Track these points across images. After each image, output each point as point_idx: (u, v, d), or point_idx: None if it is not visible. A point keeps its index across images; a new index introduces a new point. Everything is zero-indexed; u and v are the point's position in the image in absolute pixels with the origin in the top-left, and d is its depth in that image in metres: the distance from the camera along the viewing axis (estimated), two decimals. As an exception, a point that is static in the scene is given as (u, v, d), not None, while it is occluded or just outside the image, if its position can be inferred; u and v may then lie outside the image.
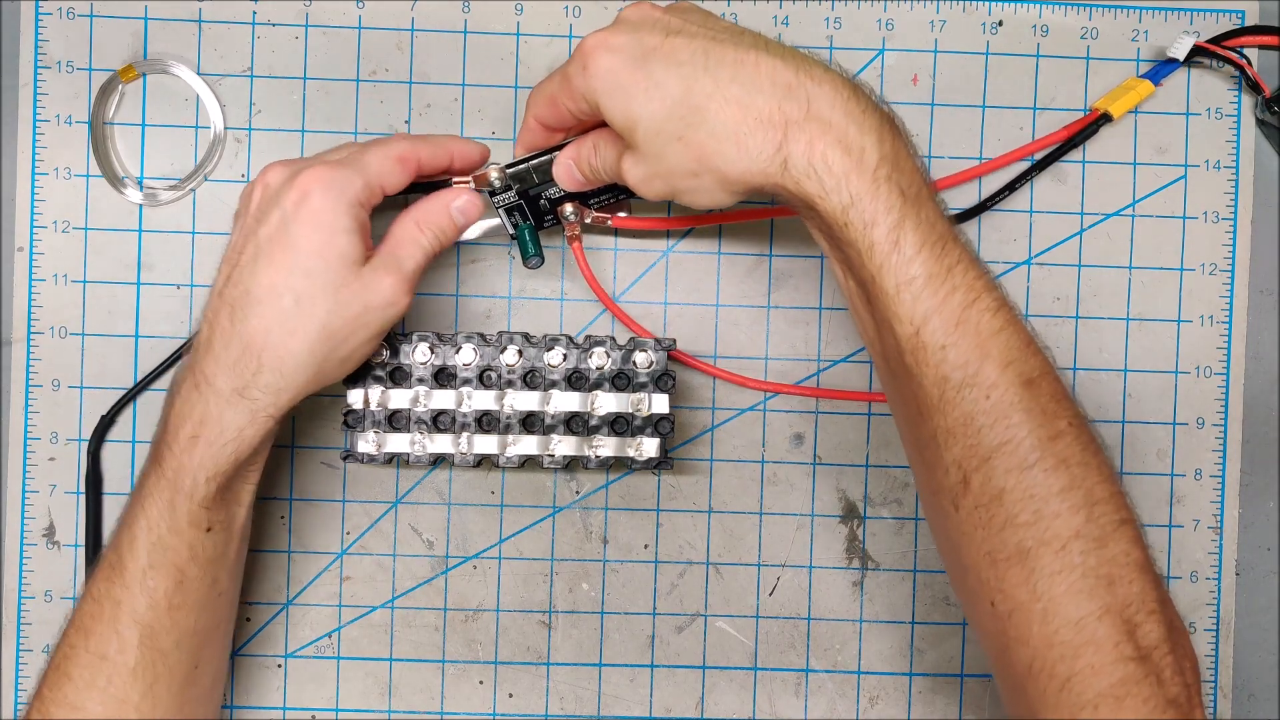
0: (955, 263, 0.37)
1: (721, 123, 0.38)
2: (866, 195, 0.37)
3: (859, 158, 0.37)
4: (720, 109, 0.38)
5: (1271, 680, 0.53)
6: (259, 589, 0.51)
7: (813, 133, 0.37)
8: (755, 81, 0.38)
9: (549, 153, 0.45)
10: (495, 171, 0.46)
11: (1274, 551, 0.53)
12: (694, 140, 0.38)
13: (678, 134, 0.38)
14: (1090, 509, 0.37)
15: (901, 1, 0.52)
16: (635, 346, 0.47)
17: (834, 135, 0.37)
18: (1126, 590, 0.36)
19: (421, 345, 0.47)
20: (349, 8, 0.51)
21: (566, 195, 0.47)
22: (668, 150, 0.39)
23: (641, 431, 0.47)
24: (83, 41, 0.50)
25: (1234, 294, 0.52)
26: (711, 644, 0.52)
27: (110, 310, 0.51)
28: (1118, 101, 0.50)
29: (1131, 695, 0.36)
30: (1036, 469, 0.37)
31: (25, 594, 0.51)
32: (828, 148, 0.37)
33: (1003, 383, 0.37)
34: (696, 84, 0.38)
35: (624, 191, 0.47)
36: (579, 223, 0.48)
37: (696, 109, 0.38)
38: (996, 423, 0.37)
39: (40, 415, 0.50)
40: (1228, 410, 0.52)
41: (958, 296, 0.37)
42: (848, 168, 0.37)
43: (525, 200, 0.47)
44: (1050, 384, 0.38)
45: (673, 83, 0.38)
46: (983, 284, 0.38)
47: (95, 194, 0.50)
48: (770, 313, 0.52)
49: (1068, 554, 0.36)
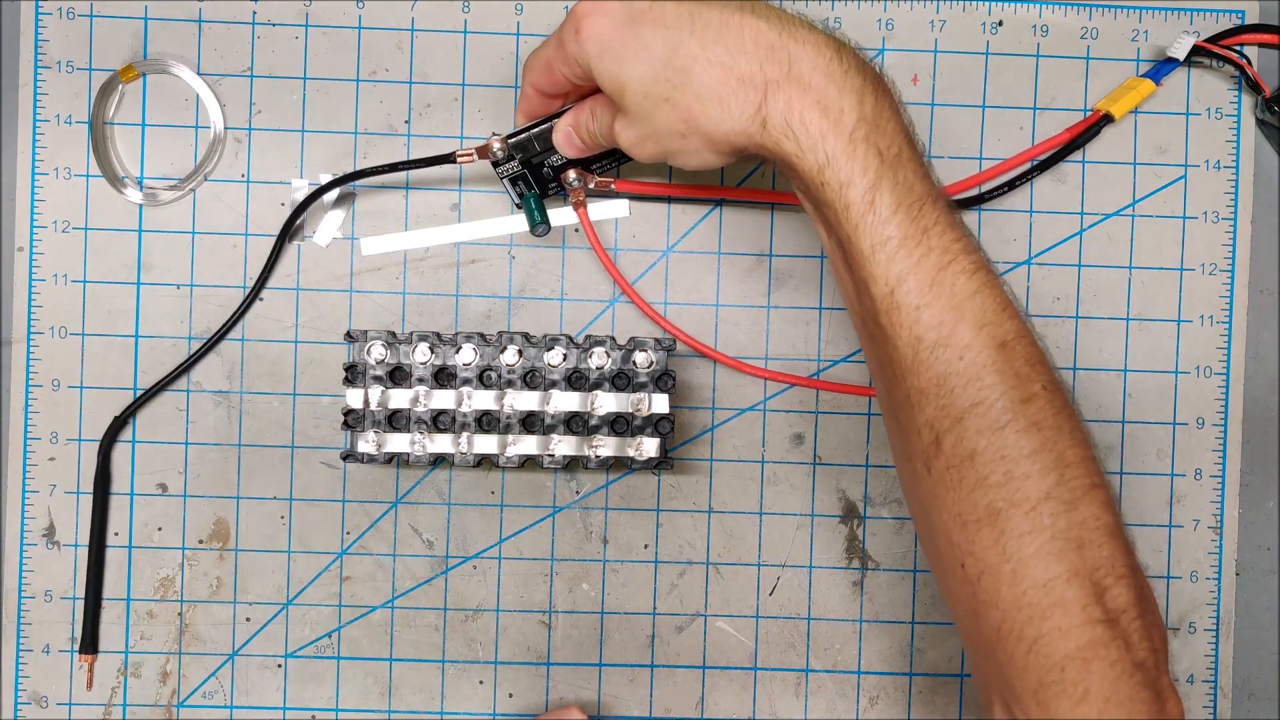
0: (932, 224, 0.38)
1: (705, 85, 0.38)
2: (843, 156, 0.37)
3: (836, 118, 0.38)
4: (704, 70, 0.38)
5: (1271, 680, 0.53)
6: (259, 589, 0.51)
7: (791, 93, 0.38)
8: (739, 43, 0.38)
9: (548, 120, 0.46)
10: (498, 143, 0.46)
11: (1274, 551, 0.53)
12: (680, 102, 0.39)
13: (664, 95, 0.39)
14: (1061, 471, 0.37)
15: (901, 1, 0.52)
16: (635, 346, 0.47)
17: (813, 96, 0.38)
18: (1096, 554, 0.37)
19: (421, 345, 0.47)
20: (349, 8, 0.51)
21: (569, 162, 0.48)
22: (656, 112, 0.40)
23: (641, 431, 0.47)
24: (83, 41, 0.50)
25: (1234, 294, 0.52)
26: (711, 644, 0.52)
27: (110, 310, 0.51)
28: (1119, 102, 0.50)
29: (1099, 658, 0.36)
30: (1008, 430, 0.37)
31: (25, 594, 0.51)
32: (805, 108, 0.38)
33: (976, 344, 0.37)
34: (682, 46, 0.39)
35: (625, 156, 0.48)
36: (583, 188, 0.49)
37: (682, 70, 0.39)
38: (969, 384, 0.37)
39: (40, 415, 0.50)
40: (1228, 410, 0.52)
41: (933, 258, 0.37)
42: (824, 128, 0.37)
43: (529, 169, 0.48)
44: (1025, 347, 0.38)
45: (659, 45, 0.39)
46: (960, 246, 0.38)
47: (95, 194, 0.50)
48: (770, 313, 0.52)
49: (1037, 515, 0.37)
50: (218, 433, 0.51)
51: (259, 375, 0.51)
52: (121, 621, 0.51)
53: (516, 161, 0.48)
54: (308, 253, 0.51)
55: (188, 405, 0.51)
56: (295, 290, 0.51)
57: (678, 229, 0.51)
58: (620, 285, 0.51)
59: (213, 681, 0.51)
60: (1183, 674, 0.52)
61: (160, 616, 0.51)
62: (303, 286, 0.51)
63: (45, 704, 0.50)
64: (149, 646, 0.51)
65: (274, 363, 0.51)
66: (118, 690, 0.51)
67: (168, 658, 0.51)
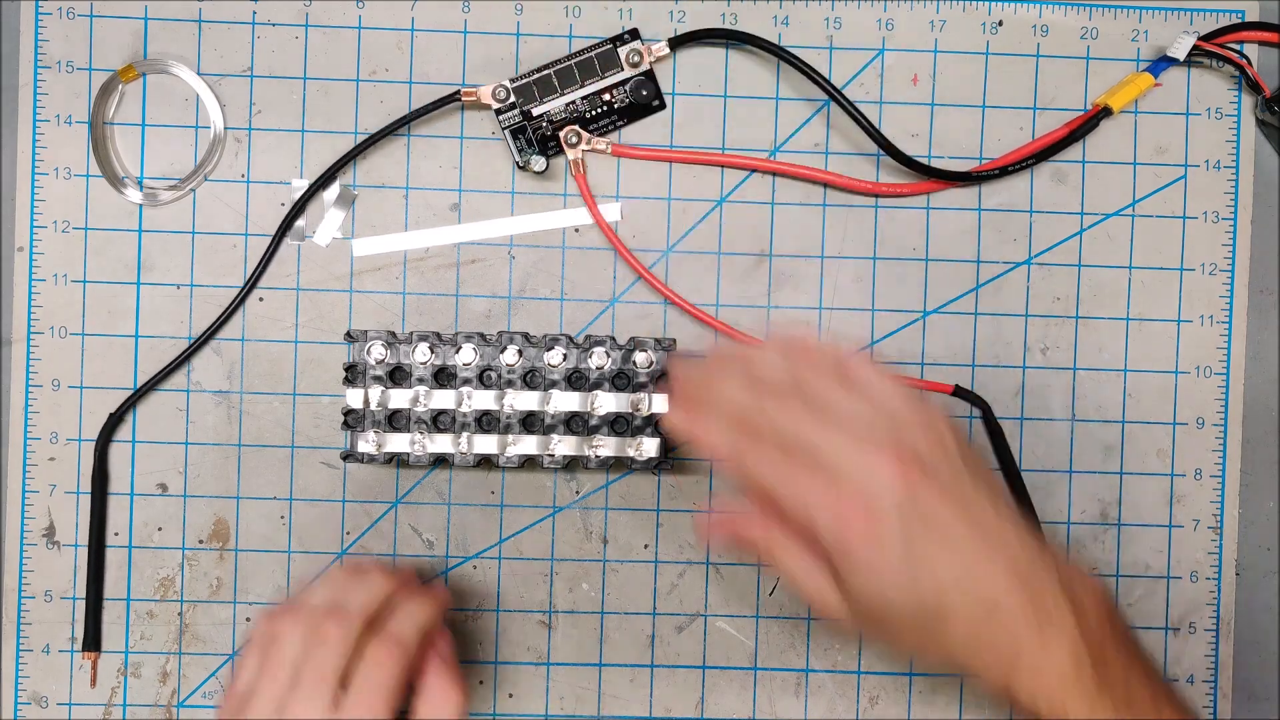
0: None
1: (967, 634, 0.35)
2: (1072, 704, 0.35)
3: (1076, 680, 0.35)
4: (969, 613, 0.35)
5: (1271, 680, 0.53)
6: (259, 589, 0.51)
7: (1046, 673, 0.35)
8: (1011, 583, 0.35)
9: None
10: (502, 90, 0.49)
11: (1274, 551, 0.53)
12: (933, 635, 0.36)
13: (919, 625, 0.36)
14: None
15: (901, 1, 0.52)
16: (635, 346, 0.47)
17: (1069, 687, 0.35)
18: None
19: (421, 345, 0.47)
20: (349, 8, 0.51)
21: (567, 119, 0.49)
22: (902, 632, 0.36)
23: (641, 431, 0.47)
24: (83, 41, 0.50)
25: (1234, 294, 0.52)
26: (711, 644, 0.52)
27: (110, 310, 0.51)
28: (1116, 95, 0.51)
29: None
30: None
31: (25, 594, 0.51)
32: (1056, 689, 0.35)
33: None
34: (958, 585, 0.35)
35: (625, 116, 0.50)
36: (580, 145, 0.50)
37: (947, 612, 0.35)
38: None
39: (40, 415, 0.50)
40: (1228, 410, 0.52)
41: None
42: (1064, 697, 0.35)
43: (527, 120, 0.49)
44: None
45: (939, 572, 0.35)
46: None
47: (95, 194, 0.50)
48: (770, 313, 0.52)
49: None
50: (218, 433, 0.51)
51: (259, 375, 0.51)
52: (121, 621, 0.51)
53: (518, 111, 0.49)
54: (307, 253, 0.51)
55: (188, 405, 0.51)
56: (295, 290, 0.51)
57: (678, 229, 0.51)
58: (624, 257, 0.51)
59: (213, 681, 0.51)
60: (1183, 674, 0.52)
61: (160, 616, 0.51)
62: (303, 286, 0.51)
63: (45, 704, 0.51)
64: (149, 646, 0.51)
65: (274, 363, 0.51)
66: (118, 690, 0.51)
67: (168, 658, 0.51)
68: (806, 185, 0.52)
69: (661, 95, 0.51)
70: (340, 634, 0.40)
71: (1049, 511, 0.52)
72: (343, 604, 0.42)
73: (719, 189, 0.52)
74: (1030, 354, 0.52)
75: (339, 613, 0.41)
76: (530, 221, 0.51)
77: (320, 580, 0.44)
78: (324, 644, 0.40)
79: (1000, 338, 0.52)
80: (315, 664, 0.40)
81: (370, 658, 0.40)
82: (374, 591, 0.43)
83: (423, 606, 0.43)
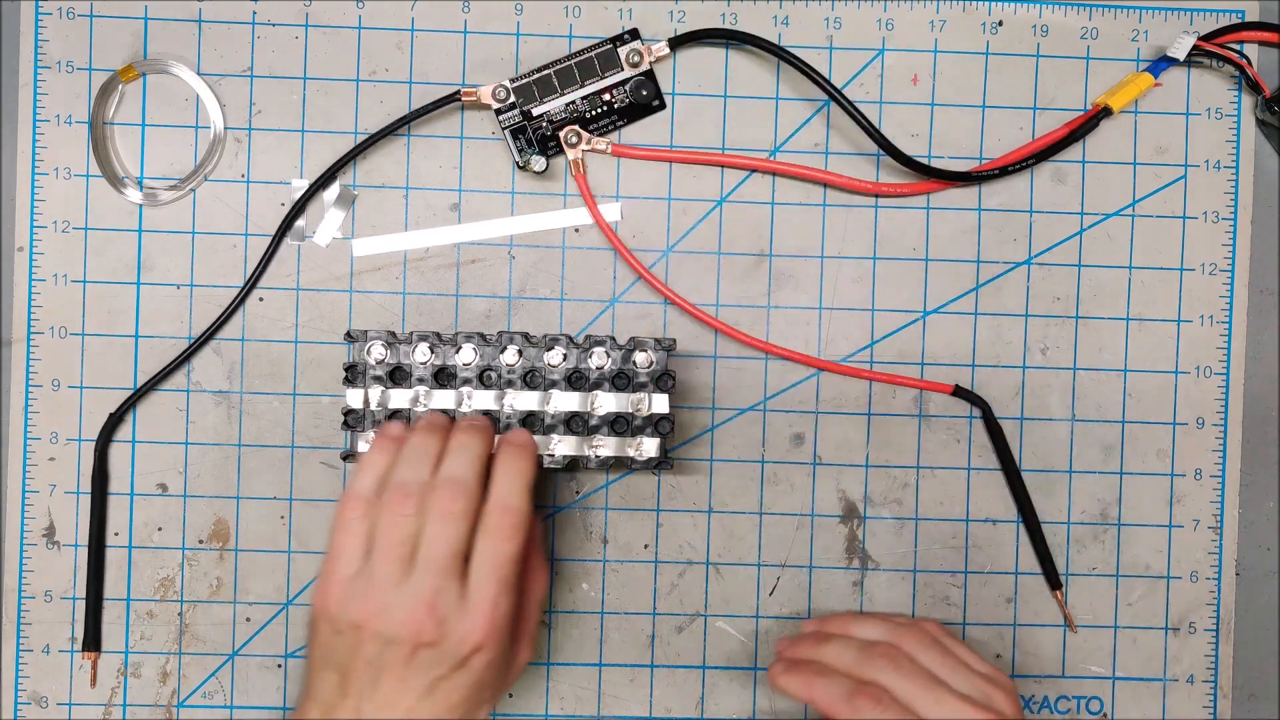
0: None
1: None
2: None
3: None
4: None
5: (1271, 680, 0.53)
6: (259, 589, 0.51)
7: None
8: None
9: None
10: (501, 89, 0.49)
11: (1274, 551, 0.53)
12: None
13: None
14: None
15: (901, 1, 0.52)
16: (635, 346, 0.47)
17: None
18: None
19: (421, 345, 0.47)
20: (349, 8, 0.51)
21: (567, 119, 0.49)
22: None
23: (641, 431, 0.47)
24: (83, 41, 0.50)
25: (1234, 294, 0.52)
26: (711, 644, 0.52)
27: (110, 310, 0.51)
28: (1117, 95, 0.51)
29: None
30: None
31: (25, 594, 0.51)
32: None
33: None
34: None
35: (625, 116, 0.50)
36: (580, 145, 0.50)
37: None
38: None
39: (40, 415, 0.50)
40: (1228, 410, 0.52)
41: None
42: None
43: (527, 120, 0.50)
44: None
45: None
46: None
47: (95, 194, 0.50)
48: (770, 313, 0.52)
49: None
50: (218, 433, 0.51)
51: (259, 375, 0.51)
52: (121, 621, 0.51)
53: (518, 111, 0.49)
54: (307, 252, 0.51)
55: (188, 405, 0.51)
56: (295, 290, 0.51)
57: (678, 229, 0.51)
58: (624, 255, 0.51)
59: (213, 681, 0.51)
60: (1183, 674, 0.52)
61: (160, 616, 0.51)
62: (303, 286, 0.51)
63: (45, 704, 0.51)
64: (149, 646, 0.51)
65: (274, 363, 0.51)
66: (118, 690, 0.51)
67: (168, 658, 0.51)
68: (806, 185, 0.52)
69: (661, 95, 0.51)
70: (462, 509, 0.40)
71: (1049, 511, 0.52)
72: (452, 473, 0.41)
73: (719, 189, 0.52)
74: (1030, 354, 0.52)
75: (455, 484, 0.40)
76: (530, 221, 0.51)
77: (408, 444, 0.42)
78: (445, 520, 0.39)
79: (1000, 338, 0.52)
80: (437, 542, 0.39)
81: (492, 532, 0.40)
82: (480, 453, 0.42)
83: (523, 463, 0.42)
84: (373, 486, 0.42)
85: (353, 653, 0.39)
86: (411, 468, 0.41)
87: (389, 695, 0.39)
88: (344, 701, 0.40)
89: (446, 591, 0.39)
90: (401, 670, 0.39)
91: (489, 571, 0.40)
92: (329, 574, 0.41)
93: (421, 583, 0.39)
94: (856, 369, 0.51)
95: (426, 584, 0.39)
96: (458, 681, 0.40)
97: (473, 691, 0.40)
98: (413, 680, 0.39)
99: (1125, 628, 0.52)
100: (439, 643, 0.39)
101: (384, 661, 0.39)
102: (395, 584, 0.39)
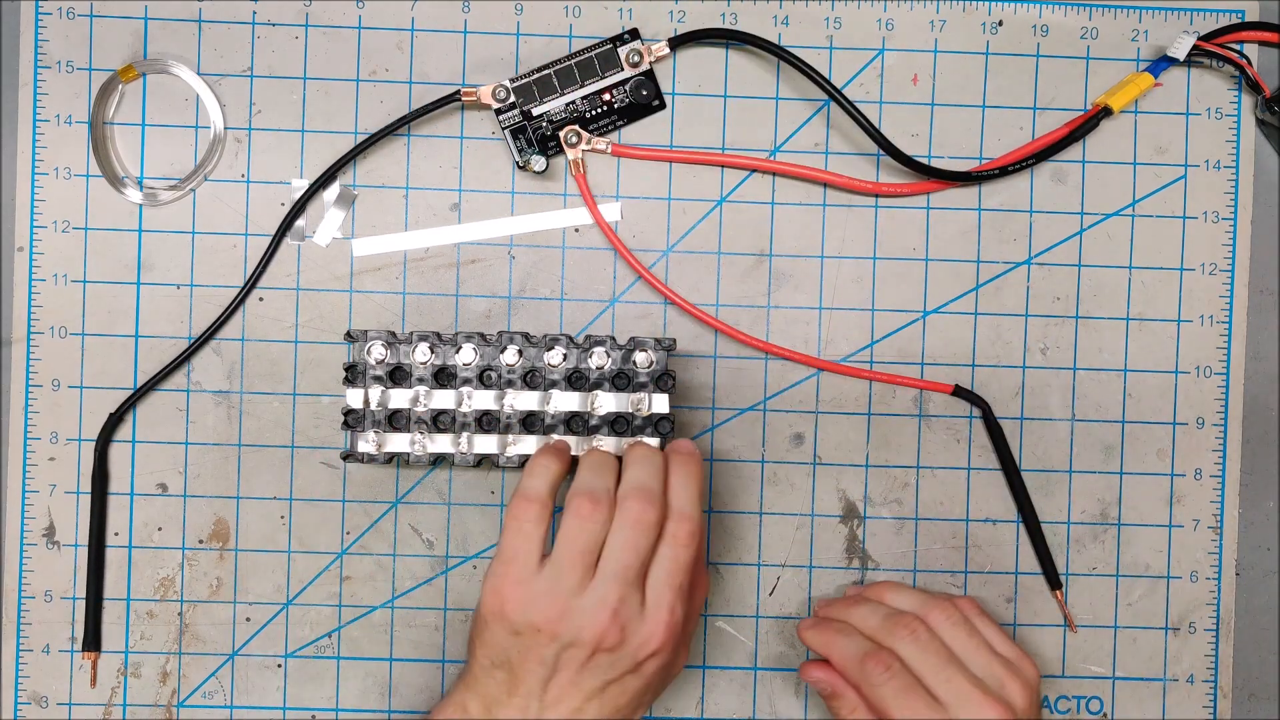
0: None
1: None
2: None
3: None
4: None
5: (1271, 680, 0.53)
6: (259, 589, 0.51)
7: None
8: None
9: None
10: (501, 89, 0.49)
11: (1274, 551, 0.53)
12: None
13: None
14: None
15: (901, 1, 0.52)
16: (635, 346, 0.47)
17: None
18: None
19: (421, 345, 0.47)
20: (349, 8, 0.51)
21: (567, 119, 0.49)
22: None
23: (641, 431, 0.47)
24: (83, 41, 0.50)
25: (1234, 294, 0.52)
26: (711, 644, 0.52)
27: (110, 310, 0.51)
28: (1117, 95, 0.51)
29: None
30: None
31: (25, 594, 0.51)
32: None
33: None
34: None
35: (625, 116, 0.50)
36: (580, 145, 0.50)
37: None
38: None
39: (40, 415, 0.50)
40: (1228, 410, 0.52)
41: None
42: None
43: (527, 120, 0.50)
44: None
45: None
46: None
47: (95, 194, 0.50)
48: (770, 313, 0.52)
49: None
50: (218, 433, 0.51)
51: (259, 375, 0.51)
52: (121, 621, 0.51)
53: (518, 111, 0.49)
54: (307, 252, 0.51)
55: (188, 405, 0.51)
56: (295, 290, 0.51)
57: (678, 229, 0.51)
58: (623, 254, 0.51)
59: (213, 681, 0.51)
60: (1183, 674, 0.52)
61: (160, 616, 0.51)
62: (303, 286, 0.51)
63: (45, 704, 0.51)
64: (149, 646, 0.51)
65: (274, 363, 0.51)
66: (118, 690, 0.51)
67: (168, 658, 0.51)
68: (806, 185, 0.52)
69: (661, 95, 0.51)
70: (654, 518, 0.41)
71: (1049, 511, 0.52)
72: (643, 483, 0.42)
73: (719, 189, 0.52)
74: (1030, 354, 0.52)
75: (648, 495, 0.41)
76: (530, 221, 0.51)
77: (592, 453, 0.44)
78: (638, 528, 0.41)
79: (1000, 338, 0.52)
80: (628, 551, 0.40)
81: (672, 540, 0.41)
82: (661, 465, 0.43)
83: (695, 471, 0.43)
84: (545, 490, 0.43)
85: (527, 653, 0.41)
86: (598, 476, 0.43)
87: (558, 695, 0.40)
88: (511, 700, 0.41)
89: (631, 599, 0.40)
90: (576, 672, 0.40)
91: (668, 578, 0.41)
92: (503, 575, 0.41)
93: (608, 590, 0.40)
94: (856, 369, 0.51)
95: (613, 591, 0.40)
96: (628, 685, 0.41)
97: (638, 694, 0.42)
98: (585, 683, 0.40)
99: (1125, 628, 0.52)
100: (618, 648, 0.40)
101: (560, 663, 0.40)
102: (579, 590, 0.40)
